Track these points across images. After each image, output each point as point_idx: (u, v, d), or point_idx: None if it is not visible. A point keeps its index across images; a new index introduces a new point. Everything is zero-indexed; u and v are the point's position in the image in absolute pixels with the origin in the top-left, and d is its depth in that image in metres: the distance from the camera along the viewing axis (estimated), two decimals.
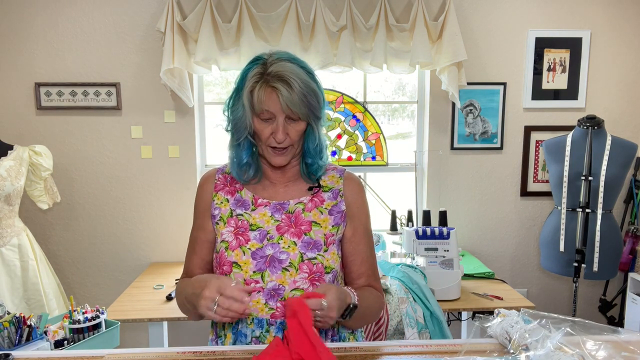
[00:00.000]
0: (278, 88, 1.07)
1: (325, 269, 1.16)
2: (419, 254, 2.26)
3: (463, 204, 2.92)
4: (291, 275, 1.14)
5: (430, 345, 1.12)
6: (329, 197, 1.23)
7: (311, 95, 1.10)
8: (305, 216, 1.19)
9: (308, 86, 1.10)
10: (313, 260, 1.15)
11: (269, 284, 1.14)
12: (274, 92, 1.07)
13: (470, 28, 2.75)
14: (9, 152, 2.30)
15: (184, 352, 1.09)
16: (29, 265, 2.28)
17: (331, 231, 1.19)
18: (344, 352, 1.09)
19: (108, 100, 2.67)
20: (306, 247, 1.16)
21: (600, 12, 2.79)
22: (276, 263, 1.15)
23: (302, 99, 1.08)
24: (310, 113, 1.12)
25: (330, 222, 1.20)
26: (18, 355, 1.11)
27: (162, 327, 2.30)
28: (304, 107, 1.09)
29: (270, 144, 1.13)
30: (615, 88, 2.86)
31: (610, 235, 2.42)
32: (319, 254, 1.16)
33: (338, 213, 1.21)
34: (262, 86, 1.08)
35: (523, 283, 3.02)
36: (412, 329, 1.96)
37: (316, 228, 1.19)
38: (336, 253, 1.19)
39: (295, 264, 1.15)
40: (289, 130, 1.12)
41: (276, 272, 1.15)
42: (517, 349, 1.02)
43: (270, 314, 1.15)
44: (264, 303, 1.15)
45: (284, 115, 1.10)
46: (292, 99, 1.07)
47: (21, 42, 2.63)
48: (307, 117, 1.12)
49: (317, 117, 1.14)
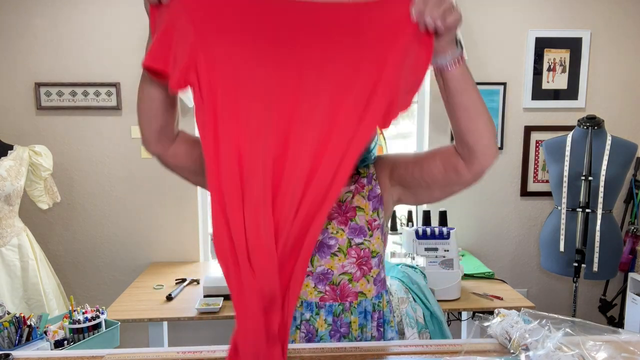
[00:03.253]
0: None
1: (372, 254, 1.20)
2: (419, 254, 2.26)
3: (463, 204, 2.92)
4: (340, 260, 1.19)
5: (430, 345, 1.12)
6: (366, 182, 1.25)
7: None
8: (351, 203, 1.23)
9: None
10: (360, 246, 1.19)
11: (317, 268, 1.19)
12: None
13: (470, 28, 2.75)
14: (9, 152, 2.30)
15: (184, 352, 1.09)
16: (29, 265, 2.28)
17: (372, 216, 1.22)
18: (344, 352, 1.09)
19: (108, 100, 2.67)
20: (353, 233, 1.20)
21: (600, 12, 2.79)
22: (325, 248, 1.19)
23: None
24: None
25: (370, 207, 1.23)
26: (18, 355, 1.11)
27: (162, 327, 2.30)
28: None
29: None
30: (615, 88, 2.86)
31: (610, 235, 2.42)
32: (365, 239, 1.20)
33: (375, 197, 1.23)
34: None
35: (523, 283, 3.02)
36: (412, 329, 1.96)
37: (360, 214, 1.21)
38: (380, 238, 1.22)
39: (344, 250, 1.19)
40: None
41: (325, 257, 1.19)
42: (517, 349, 1.02)
43: (319, 297, 1.19)
44: (312, 287, 1.19)
45: None
46: None
47: (21, 42, 2.63)
48: None
49: None
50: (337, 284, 1.20)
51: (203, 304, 2.09)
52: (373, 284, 1.23)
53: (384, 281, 1.28)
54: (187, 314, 2.05)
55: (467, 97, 0.99)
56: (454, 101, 0.99)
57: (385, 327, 1.26)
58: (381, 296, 1.26)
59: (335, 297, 1.20)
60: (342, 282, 1.20)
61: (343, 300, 1.20)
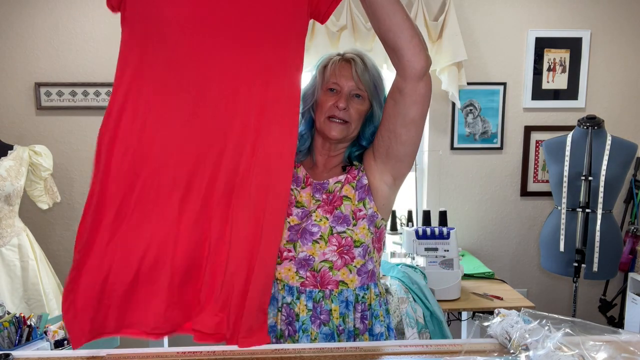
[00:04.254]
0: (355, 60, 1.19)
1: (355, 243, 1.21)
2: (419, 254, 2.26)
3: (463, 204, 2.92)
4: (321, 248, 1.20)
5: (430, 345, 1.12)
6: (357, 173, 1.27)
7: (379, 78, 1.23)
8: (339, 192, 1.24)
9: (378, 70, 1.23)
10: (342, 234, 1.21)
11: (300, 254, 1.21)
12: (348, 64, 1.20)
13: (470, 28, 2.75)
14: (9, 152, 2.30)
15: (184, 352, 1.09)
16: (29, 265, 2.28)
17: (357, 206, 1.23)
18: (344, 352, 1.09)
19: (108, 100, 2.67)
20: (336, 222, 1.21)
21: (600, 12, 2.79)
22: (307, 235, 1.21)
23: (372, 75, 1.20)
24: (375, 93, 1.21)
25: (357, 197, 1.24)
26: (18, 355, 1.11)
27: None
28: (371, 83, 1.20)
29: (331, 112, 1.19)
30: (615, 88, 2.86)
31: (610, 235, 2.41)
32: (348, 228, 1.21)
33: (361, 187, 1.24)
34: (338, 61, 1.21)
35: (523, 283, 3.02)
36: (412, 329, 1.96)
37: (347, 203, 1.23)
38: (367, 228, 1.23)
39: (325, 237, 1.21)
40: (351, 105, 1.20)
41: (307, 244, 1.21)
42: (517, 349, 1.02)
43: (300, 283, 1.21)
44: (294, 271, 1.22)
45: (351, 86, 1.19)
46: (363, 71, 1.18)
47: (21, 42, 2.63)
48: (372, 96, 1.21)
49: (379, 100, 1.22)
50: (317, 270, 1.21)
51: None
52: (357, 274, 1.22)
53: (373, 274, 1.27)
54: None
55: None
56: (372, 1, 1.02)
57: (373, 320, 1.25)
58: (367, 288, 1.25)
59: (315, 283, 1.21)
60: (322, 269, 1.21)
61: (323, 287, 1.21)
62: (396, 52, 1.05)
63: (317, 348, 1.11)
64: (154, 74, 1.07)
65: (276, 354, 1.09)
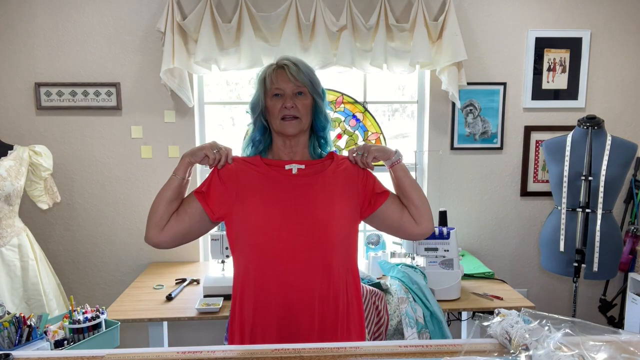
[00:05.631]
0: (287, 64, 1.35)
1: None
2: (419, 254, 2.26)
3: (463, 204, 2.92)
4: None
5: (430, 345, 1.12)
6: None
7: (312, 74, 1.38)
8: None
9: (309, 67, 1.39)
10: None
11: None
12: (283, 69, 1.35)
13: (470, 28, 2.75)
14: (9, 152, 2.30)
15: (184, 352, 1.09)
16: (29, 265, 2.28)
17: None
18: (344, 352, 1.09)
19: (108, 100, 2.68)
20: None
21: (600, 12, 2.79)
22: None
23: (305, 73, 1.36)
24: (312, 88, 1.37)
25: None
26: (18, 355, 1.11)
27: (162, 327, 2.30)
28: (307, 79, 1.35)
29: (282, 113, 1.34)
30: (615, 88, 2.86)
31: (610, 235, 2.41)
32: None
33: None
34: (274, 70, 1.37)
35: (523, 283, 3.02)
36: (412, 329, 1.96)
37: None
38: None
39: None
40: (297, 103, 1.35)
41: None
42: (517, 349, 1.02)
43: None
44: None
45: (291, 87, 1.34)
46: (297, 72, 1.34)
47: (21, 42, 2.63)
48: (311, 91, 1.37)
49: (318, 93, 1.39)
50: None
51: (203, 304, 2.09)
52: None
53: None
54: (187, 314, 2.05)
55: (406, 179, 1.43)
56: (400, 182, 1.43)
57: None
58: None
59: None
60: None
61: None
62: (417, 210, 1.42)
63: (317, 348, 1.11)
64: None
65: (276, 354, 1.09)
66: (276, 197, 1.33)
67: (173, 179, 1.35)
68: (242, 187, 1.35)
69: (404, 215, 1.42)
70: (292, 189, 1.35)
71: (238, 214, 1.33)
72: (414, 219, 1.41)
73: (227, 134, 2.92)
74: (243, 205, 1.33)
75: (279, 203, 1.33)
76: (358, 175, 1.42)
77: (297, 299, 1.30)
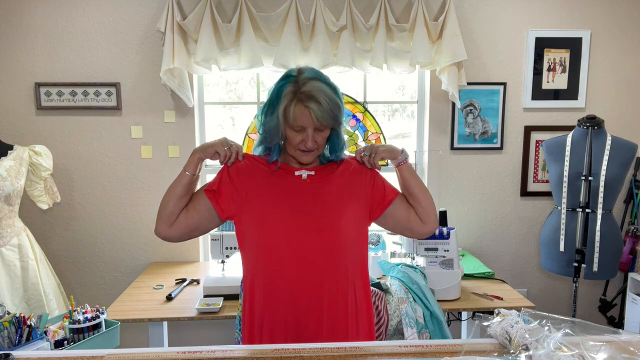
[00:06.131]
0: (311, 107, 1.25)
1: None
2: (419, 254, 2.26)
3: (463, 204, 2.92)
4: None
5: (430, 346, 1.12)
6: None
7: (336, 109, 1.30)
8: None
9: (334, 102, 1.29)
10: None
11: None
12: (306, 110, 1.26)
13: (470, 28, 2.75)
14: (9, 152, 2.30)
15: (184, 352, 1.09)
16: (29, 265, 2.28)
17: None
18: (344, 352, 1.09)
19: (108, 100, 2.68)
20: None
21: (600, 12, 2.79)
22: None
23: (329, 113, 1.28)
24: (335, 122, 1.32)
25: None
26: (18, 355, 1.11)
27: (162, 327, 2.30)
28: (330, 120, 1.29)
29: (300, 147, 1.32)
30: (615, 88, 2.86)
31: (610, 235, 2.41)
32: None
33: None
34: (297, 105, 1.27)
35: (523, 283, 3.02)
36: (412, 329, 1.96)
37: None
38: None
39: None
40: (317, 138, 1.31)
41: None
42: (517, 349, 1.02)
43: None
44: None
45: (313, 127, 1.29)
46: (322, 115, 1.26)
47: (21, 42, 2.63)
48: (333, 124, 1.32)
49: (339, 123, 1.35)
50: None
51: (203, 304, 2.09)
52: None
53: None
54: (187, 314, 2.06)
55: (413, 180, 1.46)
56: (407, 183, 1.45)
57: None
58: None
59: None
60: None
61: None
62: (422, 209, 1.44)
63: (317, 348, 1.11)
64: None
65: (276, 354, 1.09)
66: (285, 198, 1.33)
67: (183, 175, 1.34)
68: (251, 186, 1.35)
69: (411, 215, 1.43)
70: (302, 190, 1.34)
71: (247, 214, 1.32)
72: (420, 219, 1.43)
73: (227, 134, 2.92)
74: (252, 205, 1.32)
75: (288, 204, 1.32)
76: (366, 177, 1.42)
77: (305, 300, 1.29)
